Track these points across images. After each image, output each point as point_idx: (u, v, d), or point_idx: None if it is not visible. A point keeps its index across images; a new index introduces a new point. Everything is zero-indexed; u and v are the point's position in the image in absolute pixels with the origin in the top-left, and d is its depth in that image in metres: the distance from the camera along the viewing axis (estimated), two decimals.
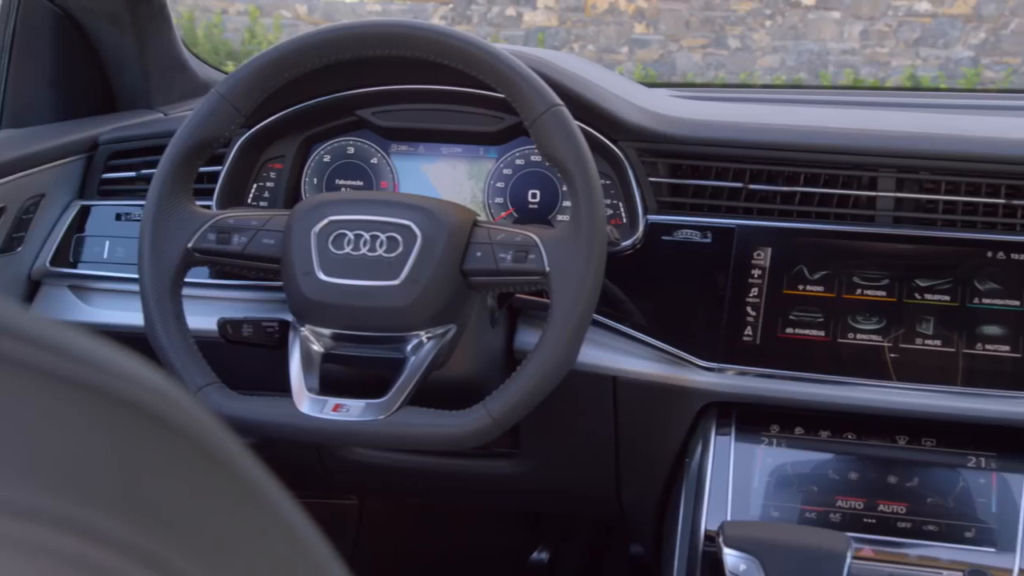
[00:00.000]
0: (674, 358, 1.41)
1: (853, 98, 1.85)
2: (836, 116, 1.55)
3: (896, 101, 1.88)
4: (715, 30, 7.80)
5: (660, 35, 7.92)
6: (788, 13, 7.61)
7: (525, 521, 2.10)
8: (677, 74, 7.92)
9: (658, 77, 7.86)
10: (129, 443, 0.33)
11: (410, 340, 1.30)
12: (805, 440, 1.37)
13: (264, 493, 0.37)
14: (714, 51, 7.84)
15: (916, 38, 7.33)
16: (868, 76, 7.46)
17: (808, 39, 7.60)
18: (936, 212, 1.41)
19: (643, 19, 7.91)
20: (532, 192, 1.53)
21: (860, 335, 1.37)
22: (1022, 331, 1.32)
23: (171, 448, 0.34)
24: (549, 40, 7.91)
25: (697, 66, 7.90)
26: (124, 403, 0.33)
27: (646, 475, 1.49)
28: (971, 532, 1.27)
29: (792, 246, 1.42)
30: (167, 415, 0.34)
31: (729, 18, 7.76)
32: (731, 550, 1.20)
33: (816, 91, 2.75)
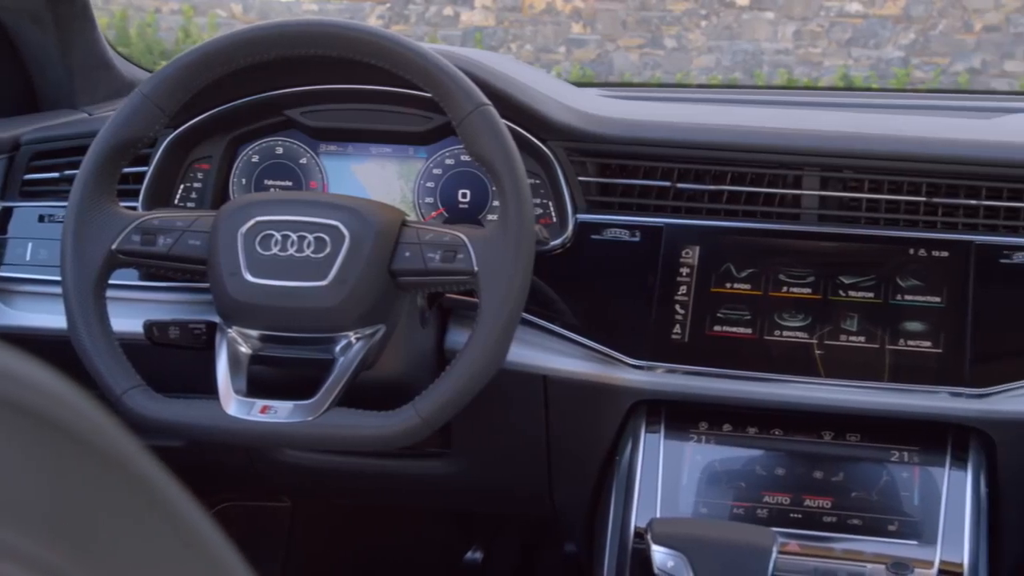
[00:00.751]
0: (604, 357, 1.41)
1: (787, 98, 1.87)
2: (763, 116, 1.57)
3: (829, 101, 1.90)
4: (651, 30, 7.85)
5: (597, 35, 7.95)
6: (723, 13, 7.67)
7: (459, 521, 2.10)
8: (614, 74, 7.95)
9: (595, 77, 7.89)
10: (17, 446, 0.32)
11: (339, 341, 1.29)
12: (733, 437, 1.39)
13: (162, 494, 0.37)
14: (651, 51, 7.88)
15: (848, 38, 7.43)
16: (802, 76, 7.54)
17: (743, 39, 7.66)
18: (859, 210, 1.43)
19: (580, 19, 7.94)
20: (462, 192, 1.53)
21: (786, 332, 1.38)
22: (943, 327, 1.34)
23: (60, 449, 0.34)
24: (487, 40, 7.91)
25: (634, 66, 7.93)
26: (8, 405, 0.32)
27: (577, 473, 1.49)
28: (894, 525, 1.29)
29: (719, 245, 1.43)
30: (56, 416, 0.33)
31: (665, 18, 7.80)
32: (659, 547, 1.21)
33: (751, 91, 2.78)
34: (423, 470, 1.57)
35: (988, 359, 1.33)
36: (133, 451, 0.36)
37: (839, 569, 1.28)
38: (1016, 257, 1.36)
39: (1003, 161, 1.37)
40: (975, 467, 1.32)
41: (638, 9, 7.82)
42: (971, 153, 1.38)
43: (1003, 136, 1.42)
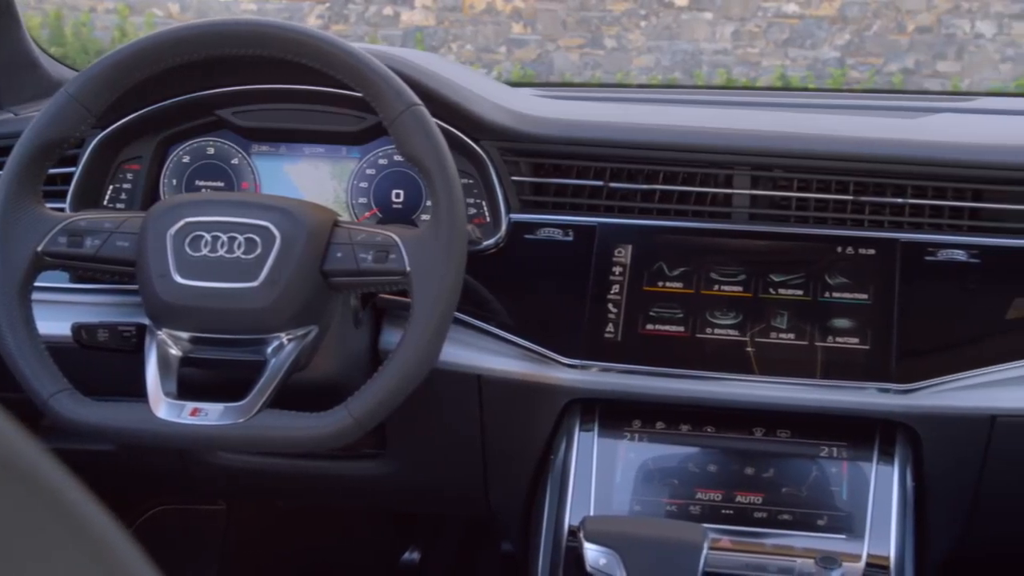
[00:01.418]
0: (538, 356, 1.42)
1: (726, 98, 1.89)
2: (695, 115, 1.58)
3: (768, 101, 1.92)
4: (591, 30, 7.88)
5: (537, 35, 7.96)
6: (662, 14, 7.72)
7: (396, 521, 2.10)
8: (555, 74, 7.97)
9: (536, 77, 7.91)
10: None
11: (270, 342, 1.29)
12: (666, 434, 1.40)
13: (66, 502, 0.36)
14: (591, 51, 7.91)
15: (785, 39, 7.50)
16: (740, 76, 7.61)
17: (682, 39, 7.72)
18: (789, 209, 1.44)
19: (520, 19, 7.95)
20: (396, 192, 1.53)
21: (718, 330, 1.39)
22: (870, 324, 1.36)
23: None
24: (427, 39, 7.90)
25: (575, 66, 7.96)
26: None
27: (512, 472, 1.50)
28: (823, 520, 1.31)
29: (652, 244, 1.44)
30: None
31: (605, 18, 7.84)
32: (592, 545, 1.21)
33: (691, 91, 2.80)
34: (358, 471, 1.57)
35: (914, 355, 1.35)
36: (35, 460, 0.36)
37: (769, 564, 1.29)
38: (940, 255, 1.38)
39: (926, 160, 1.39)
40: (902, 462, 1.34)
41: (578, 9, 7.85)
42: (896, 152, 1.40)
43: (927, 136, 1.44)
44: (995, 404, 1.34)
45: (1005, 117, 1.71)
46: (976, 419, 1.34)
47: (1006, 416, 1.34)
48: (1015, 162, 1.38)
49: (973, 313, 1.37)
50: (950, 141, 1.42)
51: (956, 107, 1.75)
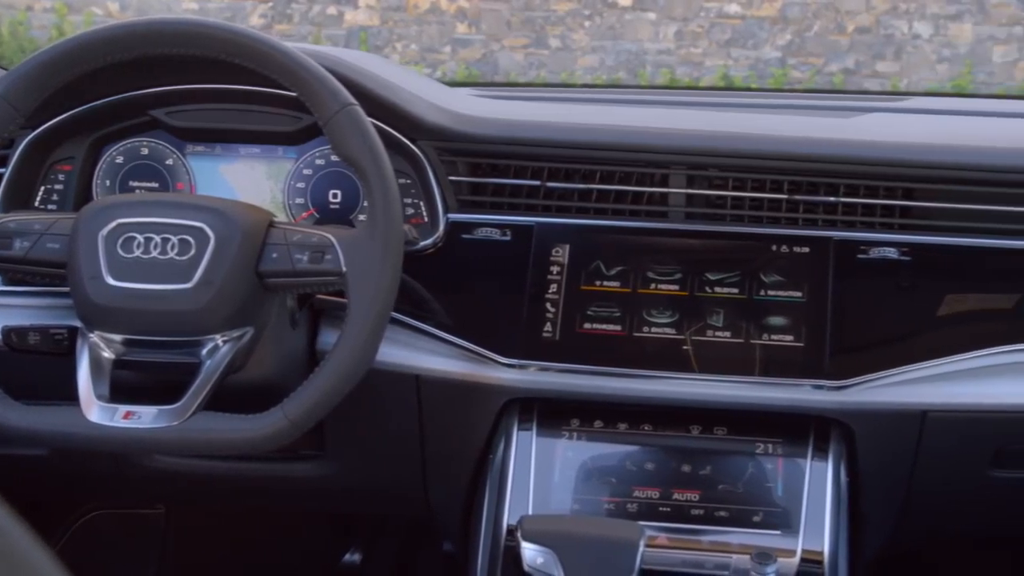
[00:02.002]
0: (476, 356, 1.42)
1: (670, 97, 1.89)
2: (632, 115, 1.59)
3: (711, 101, 1.93)
4: (536, 30, 7.88)
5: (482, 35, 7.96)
6: (606, 14, 7.75)
7: (337, 523, 2.09)
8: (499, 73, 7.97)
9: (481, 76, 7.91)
10: None
11: (205, 344, 1.28)
12: (604, 433, 1.40)
13: None
14: (535, 51, 7.92)
15: (727, 39, 7.56)
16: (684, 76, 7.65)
17: (626, 39, 7.75)
18: (725, 208, 1.46)
19: (465, 19, 7.94)
20: (333, 192, 1.52)
21: (655, 328, 1.40)
22: (804, 321, 1.38)
23: None
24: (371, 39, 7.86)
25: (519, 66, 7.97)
26: None
27: (452, 472, 1.50)
28: (759, 516, 1.32)
29: (589, 243, 1.45)
30: None
31: (549, 18, 7.85)
32: (529, 544, 1.22)
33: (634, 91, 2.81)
34: (297, 473, 1.56)
35: (847, 352, 1.37)
36: None
37: (706, 560, 1.30)
38: (873, 252, 1.40)
39: (856, 159, 1.41)
40: (835, 458, 1.36)
41: (522, 9, 7.85)
42: (826, 152, 1.42)
43: (858, 135, 1.46)
44: (926, 399, 1.35)
45: (936, 117, 1.74)
46: (908, 414, 1.36)
47: (937, 411, 1.36)
48: (943, 161, 1.40)
49: (905, 310, 1.39)
50: (880, 140, 1.43)
51: (888, 107, 1.78)
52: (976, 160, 1.40)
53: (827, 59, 7.42)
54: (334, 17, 7.85)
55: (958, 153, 1.41)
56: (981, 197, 1.41)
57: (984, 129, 1.62)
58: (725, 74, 7.56)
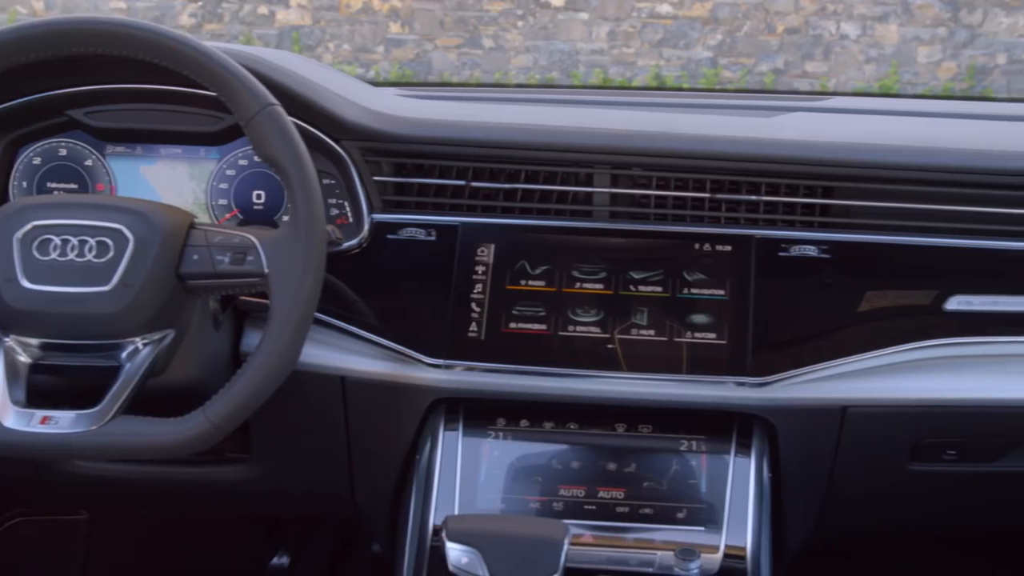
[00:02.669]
0: (402, 356, 1.42)
1: (601, 97, 1.90)
2: (557, 115, 1.59)
3: (643, 100, 1.94)
4: (469, 30, 7.89)
5: (415, 35, 7.95)
6: (539, 14, 7.77)
7: (266, 526, 2.07)
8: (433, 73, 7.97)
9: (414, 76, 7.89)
10: None
11: (125, 347, 1.26)
12: (530, 432, 1.40)
13: None
14: (469, 51, 7.93)
15: (659, 39, 7.62)
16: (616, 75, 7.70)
17: (559, 39, 7.78)
18: (649, 207, 1.46)
19: (398, 19, 7.92)
20: (257, 193, 1.51)
21: (580, 327, 1.41)
22: (727, 319, 1.39)
23: None
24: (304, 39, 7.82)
25: (453, 65, 7.97)
26: None
27: (379, 473, 1.49)
28: (683, 513, 1.33)
29: (514, 242, 1.45)
30: None
31: (482, 18, 7.86)
32: (453, 544, 1.21)
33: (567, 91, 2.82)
34: (223, 476, 1.55)
35: (769, 349, 1.38)
36: None
37: (630, 557, 1.31)
38: (793, 250, 1.42)
39: (775, 158, 1.42)
40: (758, 454, 1.37)
41: (455, 9, 7.85)
42: (746, 151, 1.43)
43: (778, 134, 1.48)
44: (846, 395, 1.37)
45: (856, 116, 1.76)
46: (828, 410, 1.38)
47: (856, 406, 1.38)
48: (860, 160, 1.42)
49: (825, 307, 1.41)
50: (797, 140, 1.45)
51: (810, 107, 1.80)
52: (893, 159, 1.42)
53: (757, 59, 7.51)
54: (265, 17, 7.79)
55: (875, 152, 1.43)
56: (899, 195, 1.43)
57: (903, 128, 1.64)
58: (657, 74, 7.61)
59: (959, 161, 1.43)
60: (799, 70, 7.45)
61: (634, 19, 7.61)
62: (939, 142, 1.47)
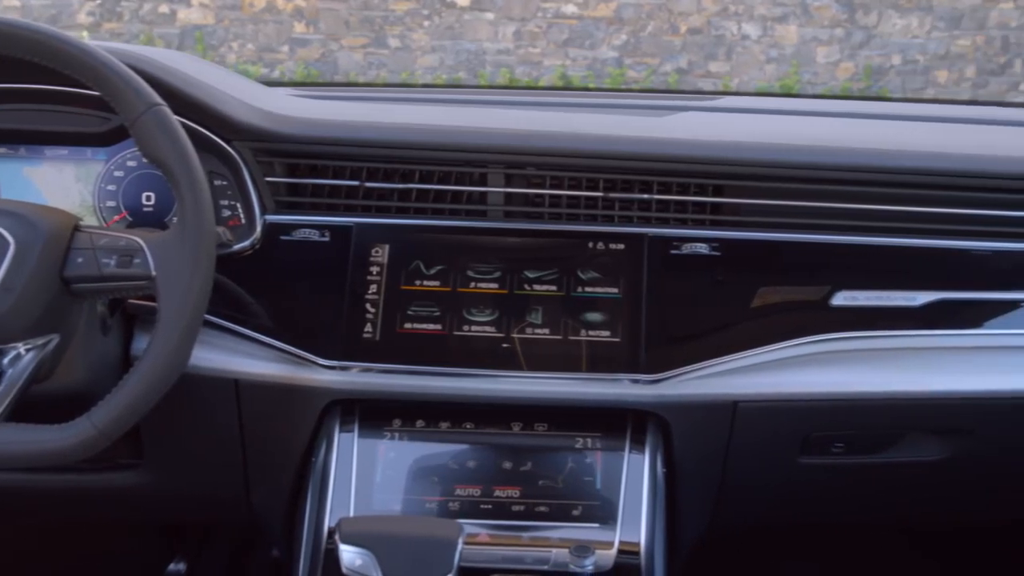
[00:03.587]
0: (297, 358, 1.41)
1: (508, 97, 1.90)
2: (452, 115, 1.59)
3: (549, 100, 1.94)
4: (375, 30, 7.86)
5: (320, 34, 7.89)
6: (445, 13, 7.77)
7: (163, 533, 2.04)
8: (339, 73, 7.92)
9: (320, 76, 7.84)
10: None
11: (6, 352, 1.23)
12: (426, 432, 1.40)
13: None
14: (375, 50, 7.89)
15: (565, 39, 7.66)
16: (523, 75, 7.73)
17: (465, 39, 7.78)
18: (543, 206, 1.47)
19: (303, 18, 7.86)
20: (147, 195, 1.49)
21: (475, 327, 1.41)
22: (621, 317, 1.40)
23: None
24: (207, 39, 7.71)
25: (359, 65, 7.93)
26: None
27: (274, 476, 1.48)
28: (578, 510, 1.34)
29: (408, 242, 1.44)
30: None
31: (388, 18, 7.83)
32: (347, 546, 1.21)
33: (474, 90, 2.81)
34: (115, 483, 1.52)
35: (662, 346, 1.39)
36: None
37: (526, 556, 1.31)
38: (685, 248, 1.43)
39: (666, 157, 1.44)
40: (652, 450, 1.39)
41: (361, 8, 7.82)
42: (635, 149, 1.44)
43: (669, 134, 1.49)
44: (736, 390, 1.39)
45: (747, 115, 1.79)
46: (719, 405, 1.40)
47: (747, 401, 1.40)
48: (749, 158, 1.44)
49: (717, 303, 1.43)
50: (688, 139, 1.47)
51: (702, 106, 1.82)
52: (780, 157, 1.45)
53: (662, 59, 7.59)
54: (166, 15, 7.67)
55: (762, 151, 1.45)
56: (787, 193, 1.46)
57: (792, 127, 1.67)
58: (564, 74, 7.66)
59: (845, 160, 1.46)
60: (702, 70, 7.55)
61: (540, 19, 7.64)
62: (827, 141, 1.50)
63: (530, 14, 7.63)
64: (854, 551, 2.05)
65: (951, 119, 1.85)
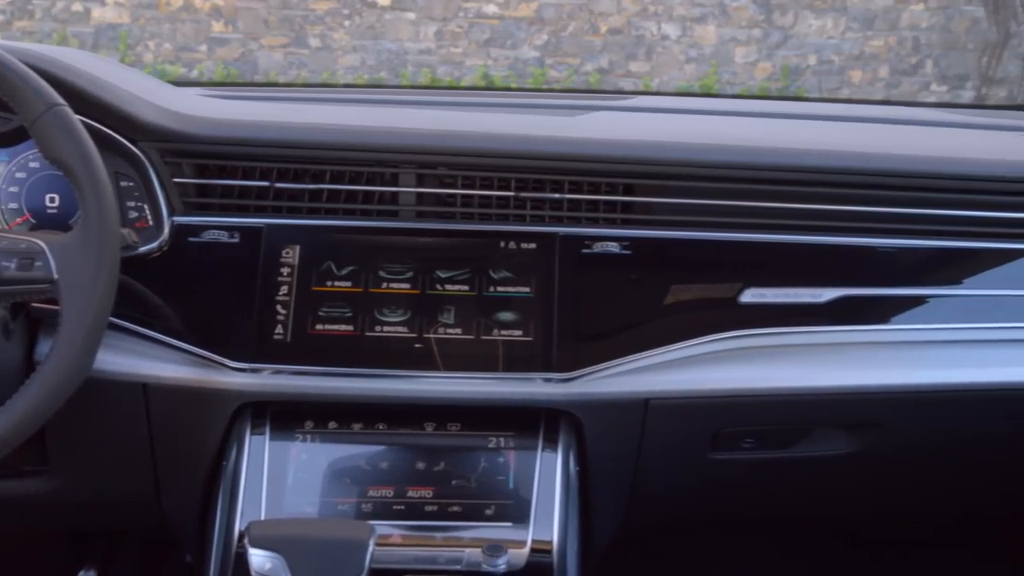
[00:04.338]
0: (207, 361, 1.39)
1: (428, 97, 1.89)
2: (364, 115, 1.59)
3: (471, 100, 1.93)
4: (295, 29, 7.78)
5: (239, 33, 7.80)
6: (365, 13, 7.72)
7: (72, 539, 2.00)
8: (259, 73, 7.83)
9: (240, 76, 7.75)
10: None
11: None
12: (339, 434, 1.39)
13: None
14: (295, 50, 7.82)
15: (486, 39, 7.65)
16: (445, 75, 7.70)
17: (386, 39, 7.74)
18: (455, 206, 1.47)
19: (221, 17, 7.76)
20: (50, 196, 1.46)
21: (387, 327, 1.40)
22: (533, 316, 1.41)
23: None
24: None
25: (280, 65, 7.84)
26: None
27: (185, 481, 1.46)
28: (491, 510, 1.34)
29: (320, 243, 1.43)
30: None
31: (308, 17, 7.76)
32: (256, 549, 1.20)
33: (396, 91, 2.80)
34: (20, 490, 1.49)
35: (574, 345, 1.40)
36: None
37: (439, 556, 1.31)
38: (596, 247, 1.44)
39: (577, 156, 1.45)
40: (565, 448, 1.39)
41: (280, 8, 7.74)
42: (548, 149, 1.45)
43: (579, 133, 1.50)
44: (648, 388, 1.40)
45: (658, 115, 1.80)
46: (631, 403, 1.41)
47: (658, 398, 1.41)
48: (657, 157, 1.45)
49: (628, 302, 1.44)
50: (598, 138, 1.48)
51: (615, 105, 1.84)
52: (688, 156, 1.46)
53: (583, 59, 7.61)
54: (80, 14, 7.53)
55: (671, 150, 1.46)
56: (696, 192, 1.47)
57: (702, 127, 1.69)
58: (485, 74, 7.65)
59: (751, 159, 1.47)
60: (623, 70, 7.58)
61: (461, 19, 7.63)
62: (734, 140, 1.51)
63: (451, 14, 7.61)
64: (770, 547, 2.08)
65: (863, 119, 1.88)
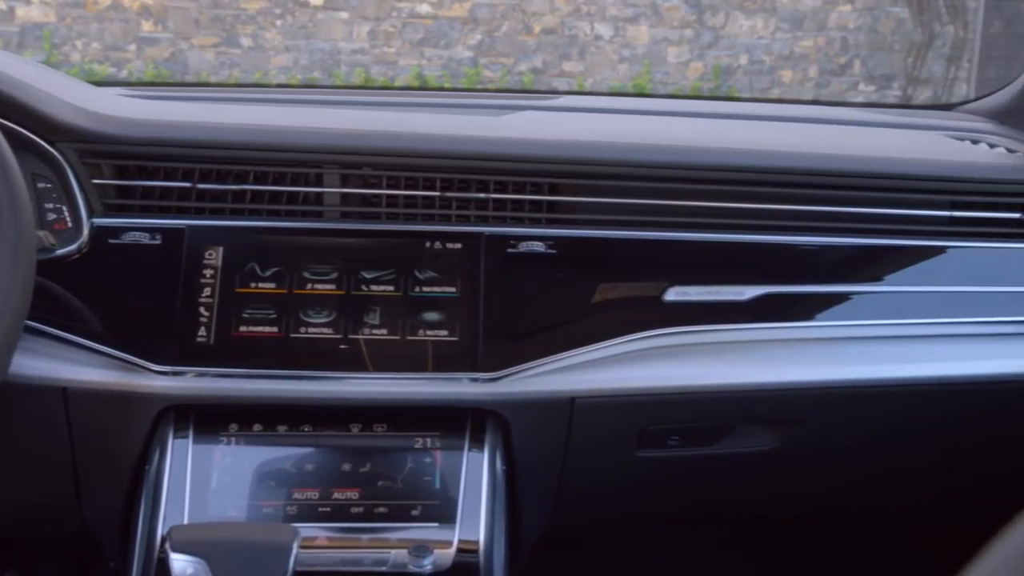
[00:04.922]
0: (128, 364, 1.37)
1: (364, 98, 1.88)
2: (288, 115, 1.57)
3: (405, 100, 1.93)
4: (226, 29, 7.71)
5: (169, 33, 7.71)
6: (298, 13, 7.67)
7: None
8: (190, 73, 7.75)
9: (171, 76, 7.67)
10: None
11: None
12: (263, 436, 1.38)
13: None
14: (227, 50, 7.75)
15: (420, 39, 7.64)
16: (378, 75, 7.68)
17: (319, 39, 7.70)
18: (380, 206, 1.47)
19: (150, 16, 7.67)
20: None
21: (312, 329, 1.39)
22: (459, 316, 1.40)
23: None
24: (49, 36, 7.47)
25: (211, 65, 7.77)
26: None
27: (107, 487, 1.44)
28: (417, 510, 1.34)
29: (243, 244, 1.42)
30: None
31: (240, 17, 7.70)
32: (178, 554, 1.18)
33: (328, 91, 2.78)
34: None
35: (500, 344, 1.40)
36: None
37: (364, 557, 1.30)
38: (522, 247, 1.45)
39: (501, 156, 1.45)
40: (491, 448, 1.39)
41: (211, 7, 7.67)
42: (471, 149, 1.45)
43: (504, 133, 1.50)
44: (574, 386, 1.41)
45: (584, 115, 1.81)
46: (557, 402, 1.41)
47: (583, 397, 1.41)
48: (579, 157, 1.46)
49: (554, 301, 1.44)
50: (522, 138, 1.48)
51: (543, 105, 1.84)
52: (611, 156, 1.47)
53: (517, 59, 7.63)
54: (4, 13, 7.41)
55: (593, 149, 1.47)
56: (620, 191, 1.48)
57: (627, 127, 1.70)
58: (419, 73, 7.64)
59: (673, 158, 1.49)
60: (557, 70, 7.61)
61: (394, 19, 7.61)
62: (663, 140, 1.52)
63: (384, 13, 7.59)
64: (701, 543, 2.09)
65: (794, 118, 1.90)
